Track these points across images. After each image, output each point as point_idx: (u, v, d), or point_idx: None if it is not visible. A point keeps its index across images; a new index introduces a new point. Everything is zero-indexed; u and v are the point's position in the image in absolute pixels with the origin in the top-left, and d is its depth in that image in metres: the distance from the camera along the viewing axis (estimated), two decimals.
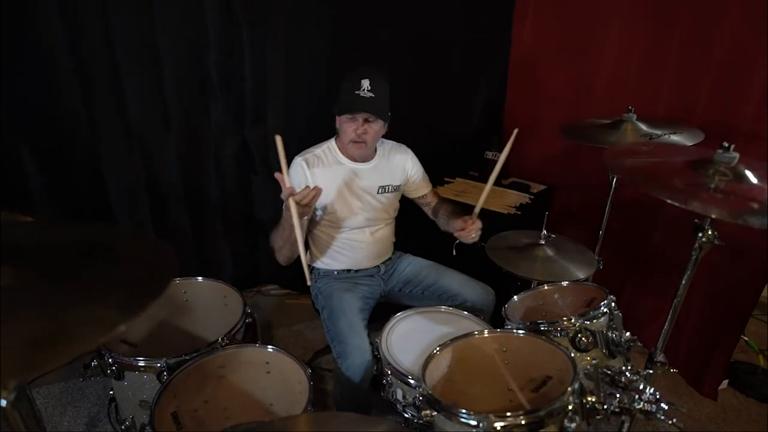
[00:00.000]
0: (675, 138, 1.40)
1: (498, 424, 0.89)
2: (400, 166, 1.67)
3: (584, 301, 1.31)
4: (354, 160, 1.57)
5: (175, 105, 1.88)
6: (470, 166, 2.51)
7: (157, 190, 1.97)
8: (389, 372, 1.26)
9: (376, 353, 1.35)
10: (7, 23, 1.50)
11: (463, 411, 0.93)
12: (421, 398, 1.04)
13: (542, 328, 1.14)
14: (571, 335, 1.09)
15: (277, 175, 1.35)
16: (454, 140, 2.53)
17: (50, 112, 1.67)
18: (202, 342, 1.31)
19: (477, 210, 1.49)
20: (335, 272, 1.64)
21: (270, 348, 1.24)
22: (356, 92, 1.42)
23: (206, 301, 1.58)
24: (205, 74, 1.89)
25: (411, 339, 1.36)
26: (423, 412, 1.00)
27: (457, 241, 1.91)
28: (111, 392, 1.40)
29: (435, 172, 2.42)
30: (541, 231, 1.60)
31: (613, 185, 1.65)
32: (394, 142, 1.71)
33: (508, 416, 0.89)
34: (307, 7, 1.95)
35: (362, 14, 2.07)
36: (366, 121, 1.46)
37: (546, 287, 1.38)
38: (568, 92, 2.22)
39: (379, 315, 1.62)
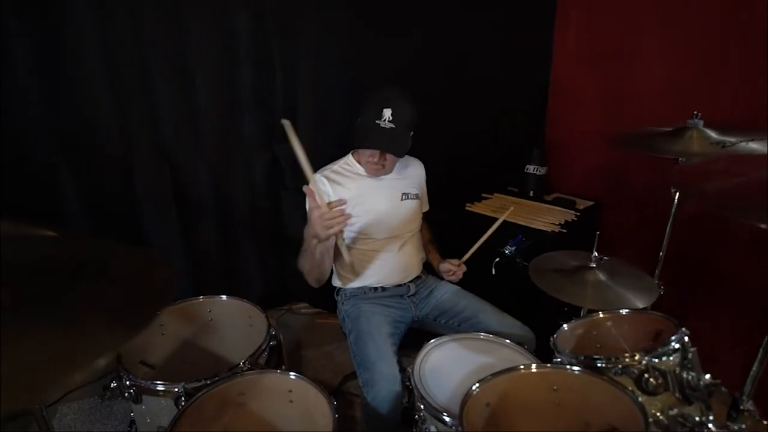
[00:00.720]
0: (754, 145, 1.21)
1: None
2: (417, 176, 1.65)
3: (647, 333, 1.14)
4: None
5: (206, 120, 1.86)
6: (510, 181, 2.37)
7: (187, 206, 1.94)
8: (422, 407, 1.13)
9: (408, 384, 1.23)
10: (46, 42, 1.53)
11: None
12: None
13: (599, 365, 0.98)
14: (635, 375, 0.93)
15: (306, 188, 1.29)
16: (492, 155, 2.40)
17: (85, 127, 1.68)
18: (225, 364, 1.24)
19: (466, 257, 1.56)
20: (363, 291, 1.55)
21: (292, 375, 1.15)
22: (377, 122, 1.37)
23: (231, 320, 1.51)
24: (237, 88, 1.87)
25: (447, 369, 1.24)
26: None
27: (497, 260, 1.78)
28: (131, 414, 1.34)
29: (472, 188, 2.32)
30: (592, 252, 1.44)
31: (676, 199, 1.47)
32: (409, 156, 1.66)
33: None
34: (339, 21, 1.91)
35: (395, 27, 2.01)
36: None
37: (600, 315, 1.21)
38: (616, 100, 2.05)
39: (412, 340, 1.50)
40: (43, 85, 1.57)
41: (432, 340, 1.34)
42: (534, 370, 1.02)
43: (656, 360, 0.93)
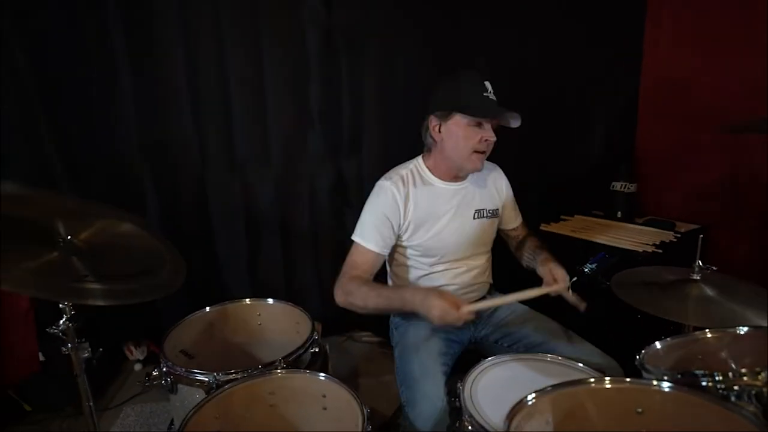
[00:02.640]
0: None
1: None
2: (495, 188, 1.44)
3: None
4: (444, 179, 1.35)
5: (276, 136, 1.94)
6: (592, 201, 2.12)
7: (254, 220, 2.00)
8: (469, 426, 0.95)
9: (457, 403, 1.05)
10: (138, 62, 1.74)
11: None
12: None
13: (704, 383, 0.74)
14: (762, 401, 0.68)
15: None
16: (572, 171, 2.18)
17: (168, 139, 1.84)
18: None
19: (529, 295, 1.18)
20: None
21: (322, 376, 1.04)
22: (484, 94, 1.24)
23: (279, 325, 1.48)
24: (305, 105, 1.94)
25: (504, 389, 1.04)
26: None
27: (574, 279, 1.54)
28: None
29: (550, 209, 2.10)
30: (695, 263, 1.17)
31: None
32: (487, 161, 1.48)
33: None
34: (405, 37, 1.93)
35: (463, 40, 1.97)
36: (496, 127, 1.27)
37: (708, 334, 0.95)
38: (726, 100, 1.75)
39: (469, 364, 1.30)
40: (136, 103, 1.76)
41: (490, 358, 1.15)
42: (608, 386, 0.80)
43: None
